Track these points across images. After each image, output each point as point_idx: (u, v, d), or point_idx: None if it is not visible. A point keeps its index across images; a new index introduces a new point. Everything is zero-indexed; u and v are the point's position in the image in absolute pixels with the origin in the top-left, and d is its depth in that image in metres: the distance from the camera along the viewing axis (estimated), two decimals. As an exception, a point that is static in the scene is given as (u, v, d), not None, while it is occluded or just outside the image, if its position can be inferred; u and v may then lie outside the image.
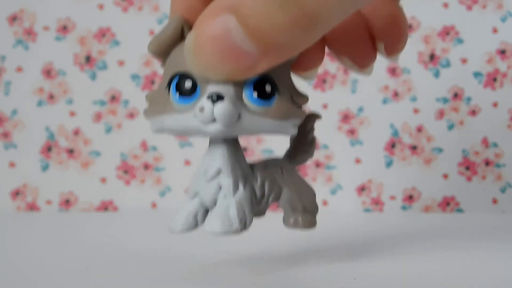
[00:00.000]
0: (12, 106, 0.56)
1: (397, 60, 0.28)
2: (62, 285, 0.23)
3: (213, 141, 0.23)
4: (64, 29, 0.57)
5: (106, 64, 0.57)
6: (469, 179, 0.54)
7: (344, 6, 0.18)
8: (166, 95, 0.22)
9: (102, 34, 0.57)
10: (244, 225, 0.22)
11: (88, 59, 0.57)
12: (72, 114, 0.56)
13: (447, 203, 0.54)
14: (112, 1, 0.57)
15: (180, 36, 0.22)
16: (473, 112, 0.55)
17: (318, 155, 0.55)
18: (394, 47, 0.27)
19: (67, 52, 0.57)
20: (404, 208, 0.55)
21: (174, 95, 0.21)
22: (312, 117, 0.26)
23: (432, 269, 0.26)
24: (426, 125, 0.54)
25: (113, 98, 0.56)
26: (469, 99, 0.55)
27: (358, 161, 0.55)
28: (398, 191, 0.55)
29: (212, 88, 0.21)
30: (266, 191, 0.23)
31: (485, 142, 0.54)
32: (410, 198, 0.55)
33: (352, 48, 0.26)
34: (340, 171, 0.55)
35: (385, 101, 0.55)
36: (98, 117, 0.56)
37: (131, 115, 0.56)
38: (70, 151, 0.56)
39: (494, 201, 0.54)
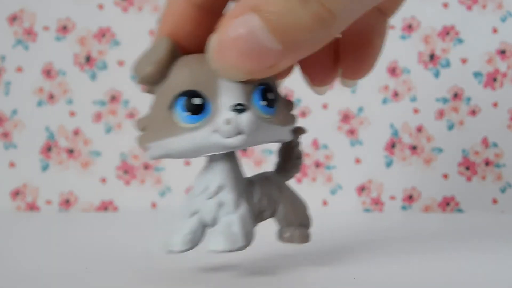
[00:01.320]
0: (12, 106, 0.56)
1: (353, 86, 0.27)
2: (62, 285, 0.23)
3: (212, 157, 0.22)
4: (64, 29, 0.57)
5: (106, 64, 0.57)
6: (469, 179, 0.54)
7: (357, 3, 0.18)
8: (168, 117, 0.21)
9: (102, 34, 0.57)
10: (249, 241, 0.22)
11: (88, 59, 0.57)
12: (72, 114, 0.56)
13: (447, 203, 0.54)
14: (112, 1, 0.57)
15: (174, 56, 0.21)
16: (473, 112, 0.55)
17: (318, 155, 0.55)
18: (355, 70, 0.26)
19: (67, 52, 0.57)
20: (404, 208, 0.55)
21: (181, 114, 0.21)
22: (297, 131, 0.25)
23: (432, 269, 0.26)
24: (426, 125, 0.54)
25: (113, 98, 0.56)
26: (469, 99, 0.55)
27: (358, 161, 0.55)
28: (398, 191, 0.55)
29: (227, 100, 0.20)
30: (264, 206, 0.23)
31: (485, 142, 0.54)
32: (410, 198, 0.55)
33: (310, 61, 0.25)
34: (340, 171, 0.55)
35: (385, 101, 0.55)
36: (98, 117, 0.56)
37: (131, 115, 0.56)
38: (70, 151, 0.56)
39: (494, 201, 0.54)
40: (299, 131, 0.26)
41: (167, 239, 0.22)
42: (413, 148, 0.55)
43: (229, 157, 0.22)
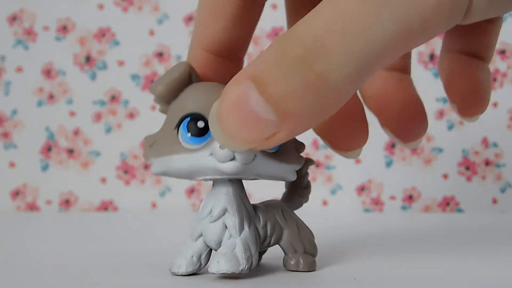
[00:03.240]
0: (12, 106, 0.56)
1: (475, 120, 0.27)
2: (62, 285, 0.23)
3: (217, 182, 0.23)
4: (64, 29, 0.57)
5: (106, 64, 0.57)
6: (469, 179, 0.54)
7: (355, 71, 0.17)
8: (173, 136, 0.22)
9: (102, 34, 0.57)
10: (251, 264, 0.22)
11: (88, 59, 0.57)
12: (72, 114, 0.56)
13: (447, 203, 0.54)
14: (112, 1, 0.57)
15: (187, 80, 0.22)
16: (473, 112, 0.55)
17: (318, 155, 0.55)
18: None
19: (67, 52, 0.57)
20: (404, 208, 0.55)
21: (184, 135, 0.22)
22: (307, 162, 0.26)
23: (432, 269, 0.26)
24: (426, 125, 0.54)
25: (113, 98, 0.56)
26: (469, 99, 0.55)
27: (358, 161, 0.55)
28: (398, 191, 0.55)
29: None
30: (269, 232, 0.24)
31: (485, 142, 0.54)
32: (410, 198, 0.55)
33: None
34: (340, 171, 0.55)
35: (385, 101, 0.55)
36: (98, 117, 0.56)
37: (131, 115, 0.56)
38: (70, 151, 0.56)
39: (494, 201, 0.54)
40: (308, 161, 0.26)
41: (173, 260, 0.23)
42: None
43: (234, 182, 0.23)
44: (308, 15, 0.17)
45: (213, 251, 0.23)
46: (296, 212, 0.27)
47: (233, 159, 0.21)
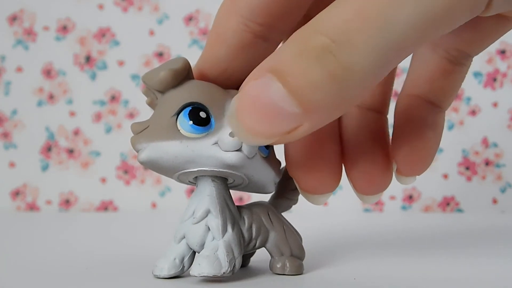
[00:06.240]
0: (12, 106, 0.56)
1: (411, 183, 0.25)
2: (62, 285, 0.23)
3: (201, 183, 0.22)
4: (64, 29, 0.57)
5: (106, 64, 0.57)
6: (469, 179, 0.54)
7: (380, 61, 0.17)
8: (171, 123, 0.21)
9: (102, 34, 0.57)
10: (233, 267, 0.22)
11: (88, 59, 0.57)
12: (72, 114, 0.56)
13: (447, 203, 0.54)
14: (112, 1, 0.57)
15: (189, 74, 0.22)
16: (473, 112, 0.55)
17: (318, 155, 0.55)
18: (408, 166, 0.24)
19: (67, 52, 0.57)
20: (404, 208, 0.55)
21: (185, 123, 0.21)
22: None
23: (432, 269, 0.26)
24: (426, 125, 0.54)
25: (113, 98, 0.56)
26: (469, 99, 0.55)
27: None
28: (398, 191, 0.55)
29: None
30: (254, 234, 0.23)
31: (485, 142, 0.54)
32: (410, 198, 0.55)
33: (362, 164, 0.25)
34: (340, 171, 0.55)
35: (385, 101, 0.55)
36: (98, 117, 0.56)
37: (131, 115, 0.56)
38: (70, 151, 0.56)
39: (494, 201, 0.54)
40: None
41: (156, 263, 0.23)
42: (413, 148, 0.55)
43: (218, 182, 0.22)
44: (329, 7, 0.17)
45: (196, 253, 0.23)
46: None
47: (239, 150, 0.21)
